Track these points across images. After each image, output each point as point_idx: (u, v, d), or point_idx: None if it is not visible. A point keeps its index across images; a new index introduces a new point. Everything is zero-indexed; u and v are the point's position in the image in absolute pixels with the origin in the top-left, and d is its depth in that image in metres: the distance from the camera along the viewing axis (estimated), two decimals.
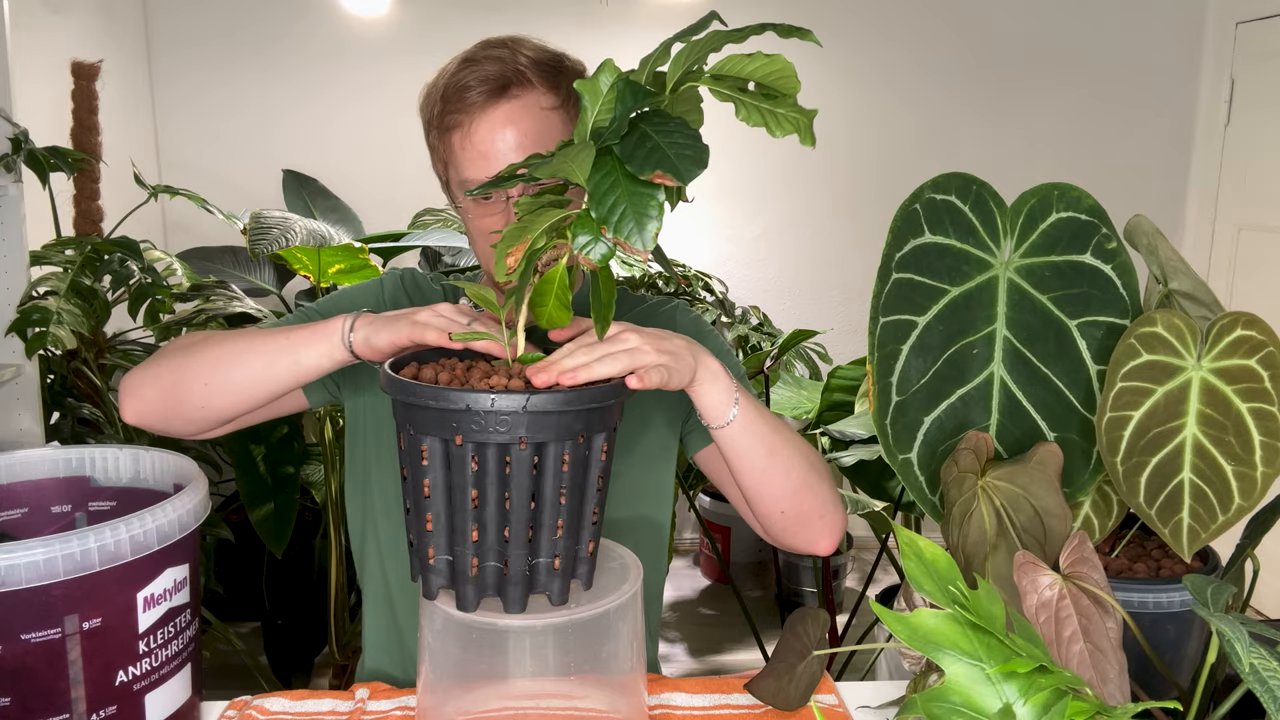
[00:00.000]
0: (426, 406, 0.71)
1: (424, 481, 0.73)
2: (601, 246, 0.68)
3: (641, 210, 0.64)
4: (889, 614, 0.54)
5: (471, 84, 0.99)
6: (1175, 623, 0.83)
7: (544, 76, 1.02)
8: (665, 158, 0.63)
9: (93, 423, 2.09)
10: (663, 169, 0.63)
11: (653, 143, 0.64)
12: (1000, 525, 0.79)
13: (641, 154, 0.64)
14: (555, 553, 0.75)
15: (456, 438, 0.70)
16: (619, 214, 0.64)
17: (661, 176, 0.63)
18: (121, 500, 0.99)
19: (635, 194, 0.65)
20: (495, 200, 1.01)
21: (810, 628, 0.91)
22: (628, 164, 0.64)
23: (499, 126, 0.99)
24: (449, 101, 1.01)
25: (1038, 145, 3.31)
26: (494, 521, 0.73)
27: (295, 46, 3.13)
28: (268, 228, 2.08)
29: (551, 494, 0.74)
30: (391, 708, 0.96)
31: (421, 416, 0.72)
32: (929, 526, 3.12)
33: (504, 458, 0.71)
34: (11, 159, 1.78)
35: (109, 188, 2.33)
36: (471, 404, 0.69)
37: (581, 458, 0.74)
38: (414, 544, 0.77)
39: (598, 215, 0.65)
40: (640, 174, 0.63)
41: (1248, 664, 0.58)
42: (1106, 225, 0.87)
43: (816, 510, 0.98)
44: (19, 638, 0.74)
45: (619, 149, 0.65)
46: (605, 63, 0.69)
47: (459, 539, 0.74)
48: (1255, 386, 0.78)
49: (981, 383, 0.88)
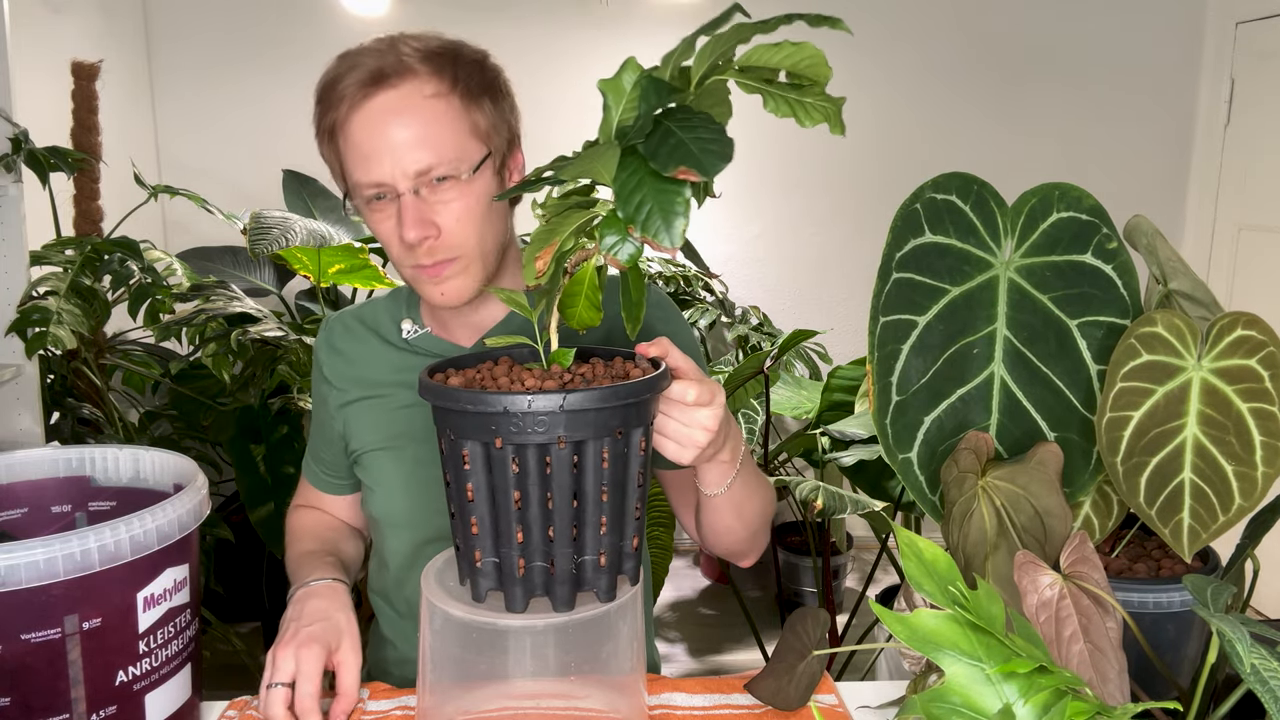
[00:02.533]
0: (465, 411, 0.71)
1: (467, 485, 0.74)
2: (629, 246, 0.68)
3: (668, 207, 0.64)
4: (889, 614, 0.54)
5: (343, 77, 0.95)
6: (1175, 623, 0.83)
7: (426, 63, 0.96)
8: (689, 153, 0.63)
9: (93, 423, 2.09)
10: (687, 164, 0.62)
11: (676, 139, 0.64)
12: (1000, 525, 0.79)
13: (665, 151, 0.63)
14: (600, 549, 0.76)
15: (496, 440, 0.71)
16: (646, 212, 0.64)
17: (686, 172, 0.62)
18: (121, 500, 0.99)
19: (661, 191, 0.64)
20: (389, 200, 0.97)
21: (810, 628, 0.91)
22: (652, 161, 0.63)
23: (376, 120, 0.94)
24: (325, 102, 0.96)
25: (1038, 145, 3.31)
26: (538, 522, 0.73)
27: (295, 47, 3.13)
28: (268, 228, 2.08)
29: (593, 491, 0.74)
30: (391, 708, 0.96)
31: (460, 421, 0.72)
32: (929, 526, 3.12)
33: (544, 458, 0.72)
34: (11, 159, 1.78)
35: (109, 188, 2.33)
36: (509, 406, 0.69)
37: (620, 453, 0.75)
38: (460, 548, 0.78)
39: (624, 214, 0.65)
40: (665, 170, 0.63)
41: (1248, 664, 0.58)
42: (1107, 225, 0.87)
43: (754, 547, 1.07)
44: (19, 638, 0.74)
45: (643, 147, 0.65)
46: (628, 61, 0.69)
47: (504, 541, 0.74)
48: (1256, 386, 0.78)
49: (982, 383, 0.88)
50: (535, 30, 3.13)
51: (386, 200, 0.97)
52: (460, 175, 0.97)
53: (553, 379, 0.76)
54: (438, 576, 0.81)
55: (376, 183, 0.95)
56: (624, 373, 0.80)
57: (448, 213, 0.97)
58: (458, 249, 0.99)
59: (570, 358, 0.80)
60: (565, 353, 0.80)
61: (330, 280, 2.39)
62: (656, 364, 0.82)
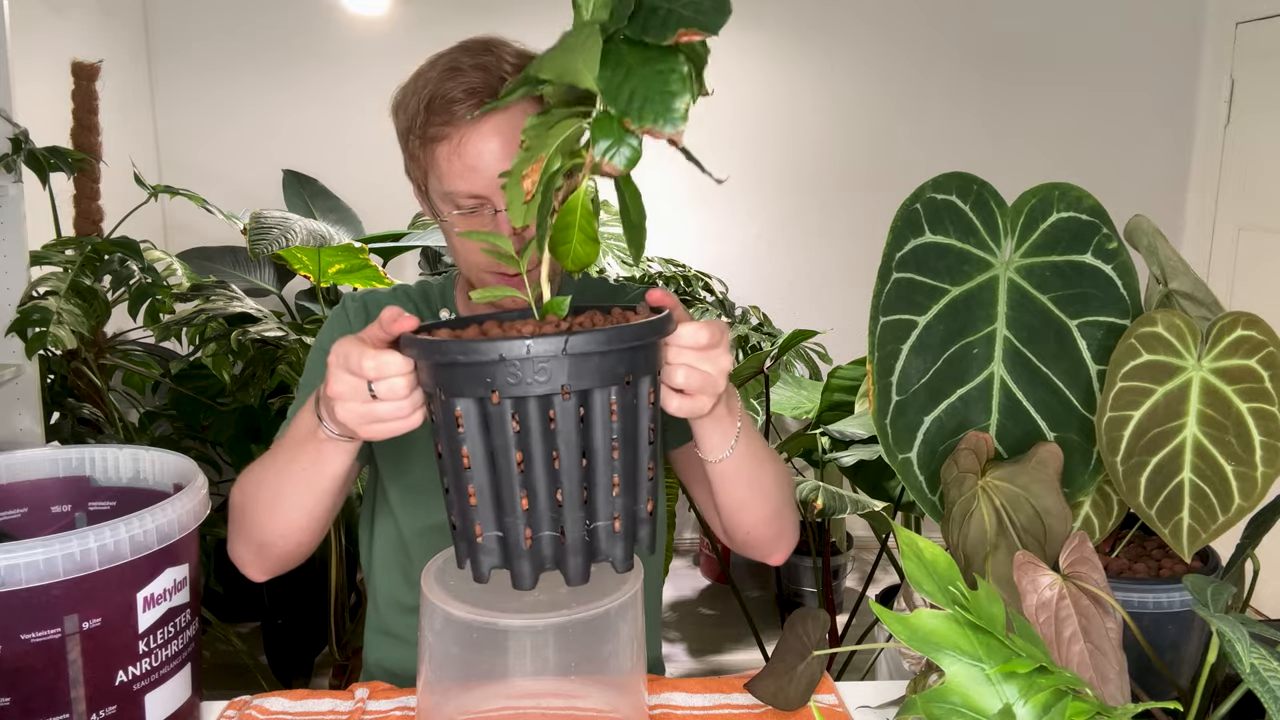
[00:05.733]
0: (455, 363, 0.65)
1: (462, 450, 0.67)
2: (626, 147, 0.60)
3: (663, 85, 0.57)
4: (889, 614, 0.54)
5: (459, 96, 0.97)
6: (1175, 623, 0.83)
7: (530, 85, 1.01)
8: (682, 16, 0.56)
9: (93, 423, 2.09)
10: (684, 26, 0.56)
11: (664, 8, 0.57)
12: (1000, 525, 0.79)
13: (656, 23, 0.57)
14: (614, 513, 0.69)
15: (493, 395, 0.65)
16: (640, 98, 0.57)
17: (687, 34, 0.56)
18: (121, 500, 0.99)
19: (653, 71, 0.57)
20: (482, 212, 1.00)
21: (810, 628, 0.91)
22: (645, 35, 0.57)
23: (487, 138, 0.97)
24: (435, 114, 0.98)
25: (1038, 145, 3.31)
26: (544, 484, 0.67)
27: (295, 46, 3.13)
28: (268, 228, 2.08)
29: (603, 447, 0.68)
30: (391, 708, 0.96)
31: (451, 376, 0.66)
32: (929, 526, 3.12)
33: (547, 411, 0.66)
34: (11, 159, 1.78)
35: (109, 188, 2.33)
36: (505, 352, 0.63)
37: (630, 404, 0.69)
38: (457, 526, 0.71)
39: (616, 108, 0.58)
40: (662, 39, 0.56)
41: (1248, 664, 0.58)
42: (1107, 225, 0.87)
43: (781, 532, 1.03)
44: (19, 638, 0.74)
45: (629, 29, 0.58)
46: None
47: (508, 510, 0.68)
48: (1255, 386, 0.78)
49: (982, 382, 0.88)
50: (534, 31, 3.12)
51: (477, 213, 1.00)
52: None
53: (550, 325, 0.70)
54: (438, 576, 0.81)
55: (476, 195, 0.99)
56: (624, 319, 0.74)
57: None
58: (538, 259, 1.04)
59: (565, 306, 0.74)
60: (559, 301, 0.73)
61: (330, 280, 2.40)
62: (657, 311, 0.76)
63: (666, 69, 0.57)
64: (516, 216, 0.67)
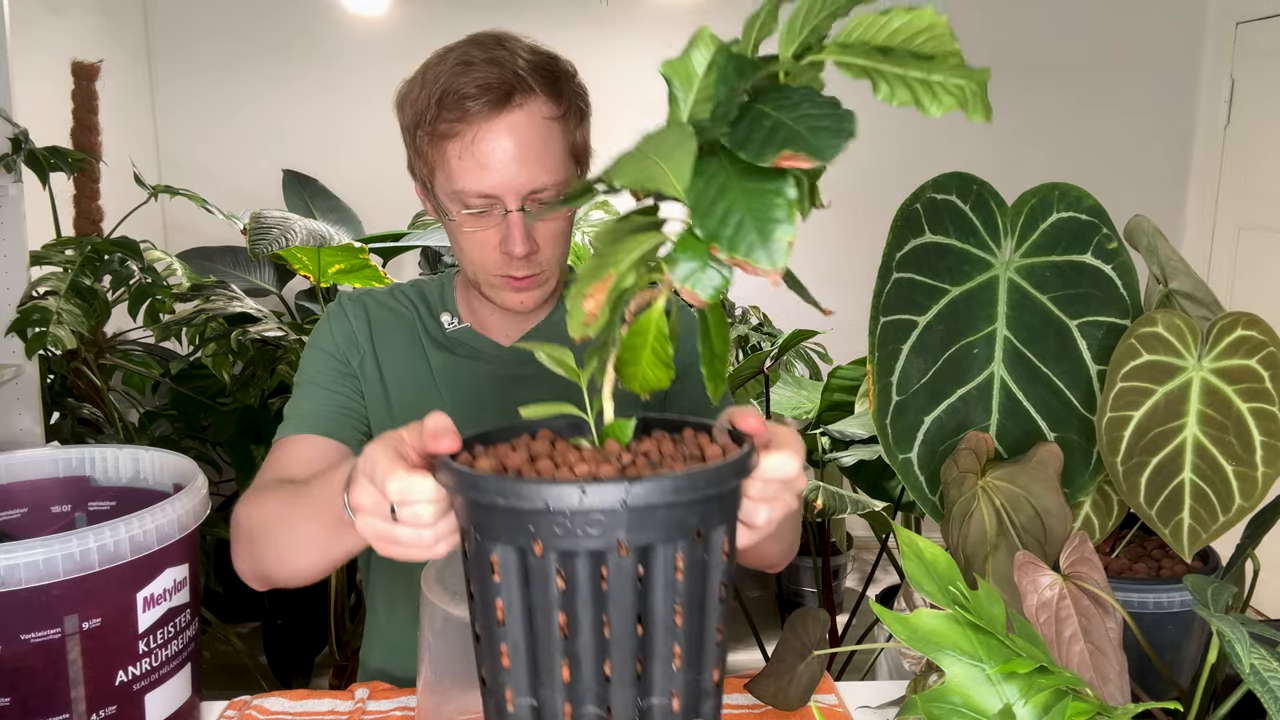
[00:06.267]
0: (494, 505, 0.54)
1: (495, 602, 0.56)
2: (713, 274, 0.51)
3: (764, 213, 0.48)
4: (889, 614, 0.54)
5: (472, 92, 0.94)
6: (1175, 623, 0.83)
7: (544, 83, 0.97)
8: (792, 133, 0.47)
9: (93, 423, 2.09)
10: (791, 147, 0.47)
11: (772, 120, 0.48)
12: (1000, 525, 0.79)
13: (759, 136, 0.48)
14: (673, 689, 0.58)
15: (535, 545, 0.54)
16: (734, 223, 0.48)
17: (791, 158, 0.47)
18: (121, 500, 0.99)
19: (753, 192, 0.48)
20: (492, 212, 0.98)
21: (810, 628, 0.91)
22: (742, 151, 0.48)
23: (501, 137, 0.95)
24: (447, 109, 0.95)
25: (1038, 145, 3.31)
26: (590, 654, 0.56)
27: (295, 46, 3.13)
28: (268, 228, 2.08)
29: (664, 612, 0.56)
30: (391, 708, 0.96)
31: (488, 519, 0.55)
32: (929, 526, 3.12)
33: (599, 569, 0.55)
34: (11, 159, 1.78)
35: (109, 188, 2.33)
36: (553, 501, 0.52)
37: (699, 560, 0.57)
38: (487, 683, 0.59)
39: (705, 231, 0.48)
40: (761, 159, 0.47)
41: (1248, 664, 0.58)
42: (1107, 225, 0.87)
43: (786, 554, 1.02)
44: (19, 638, 0.74)
45: (728, 139, 0.48)
46: (699, 33, 0.53)
47: (545, 679, 0.57)
48: (1256, 386, 0.77)
49: (982, 383, 0.88)
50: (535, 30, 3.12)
51: (487, 213, 0.98)
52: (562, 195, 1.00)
53: (609, 461, 0.59)
54: (438, 576, 0.81)
55: (486, 194, 0.97)
56: (698, 450, 0.63)
57: (546, 230, 1.01)
58: (547, 264, 1.03)
59: (630, 431, 0.62)
60: (623, 425, 0.62)
61: (330, 280, 2.40)
62: (736, 436, 0.63)
63: (770, 191, 0.48)
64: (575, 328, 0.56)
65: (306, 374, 1.10)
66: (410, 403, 1.10)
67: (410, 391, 1.10)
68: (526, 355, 1.11)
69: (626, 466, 0.59)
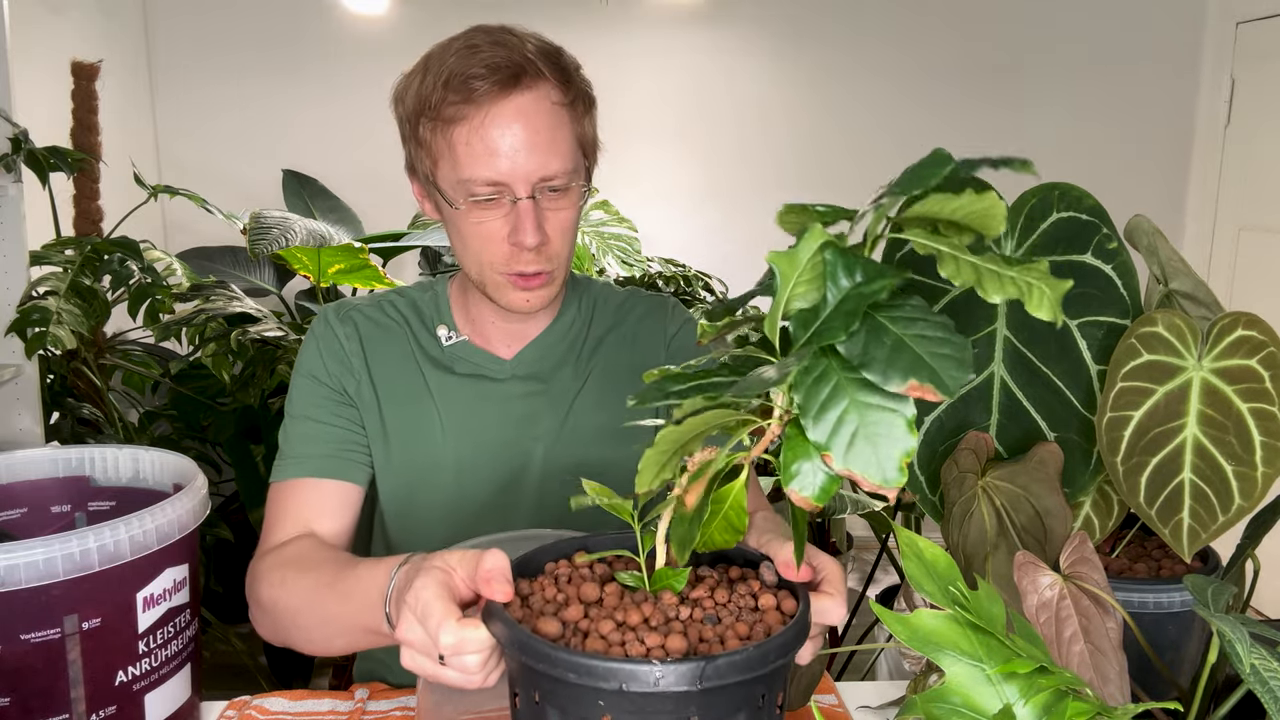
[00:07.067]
0: (565, 680, 0.53)
1: None
2: (820, 476, 0.50)
3: (881, 431, 0.47)
4: (889, 614, 0.54)
5: (479, 72, 0.90)
6: (1175, 623, 0.83)
7: (552, 69, 0.94)
8: (917, 360, 0.46)
9: (93, 423, 2.09)
10: (917, 377, 0.46)
11: (892, 338, 0.47)
12: (1000, 525, 0.79)
13: (881, 355, 0.47)
14: None
15: (604, 718, 0.54)
16: (848, 435, 0.47)
17: (918, 389, 0.46)
18: (121, 500, 0.99)
19: (870, 409, 0.47)
20: (501, 202, 0.94)
21: None
22: (867, 370, 0.47)
23: (510, 120, 0.91)
24: (453, 91, 0.91)
25: (1037, 145, 3.31)
26: None
27: (295, 46, 3.13)
28: (268, 228, 2.08)
29: None
30: (391, 708, 0.96)
31: (553, 687, 0.55)
32: (929, 526, 3.12)
33: None
34: (11, 159, 1.78)
35: (109, 188, 2.33)
36: (627, 683, 0.52)
37: None
38: None
39: (816, 436, 0.48)
40: (888, 385, 0.47)
41: (1248, 665, 0.58)
42: (1107, 225, 0.87)
43: None
44: (19, 638, 0.74)
45: (845, 348, 0.48)
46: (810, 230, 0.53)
47: None
48: (1256, 387, 0.77)
49: (982, 383, 0.88)
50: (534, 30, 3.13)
51: (495, 202, 0.94)
52: (571, 186, 0.97)
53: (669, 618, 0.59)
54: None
55: (495, 182, 0.93)
56: (751, 599, 0.62)
57: (556, 221, 0.97)
58: (556, 259, 0.99)
59: (684, 581, 0.61)
60: (678, 575, 0.61)
61: (330, 280, 2.39)
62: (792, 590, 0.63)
63: (891, 411, 0.48)
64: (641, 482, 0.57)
65: (300, 406, 1.06)
66: (407, 427, 1.06)
67: (408, 414, 1.06)
68: (528, 370, 1.09)
69: (688, 625, 0.58)
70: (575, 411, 1.09)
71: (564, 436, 1.08)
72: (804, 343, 0.50)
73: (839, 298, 0.50)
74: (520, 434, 1.08)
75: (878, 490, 0.47)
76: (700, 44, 3.26)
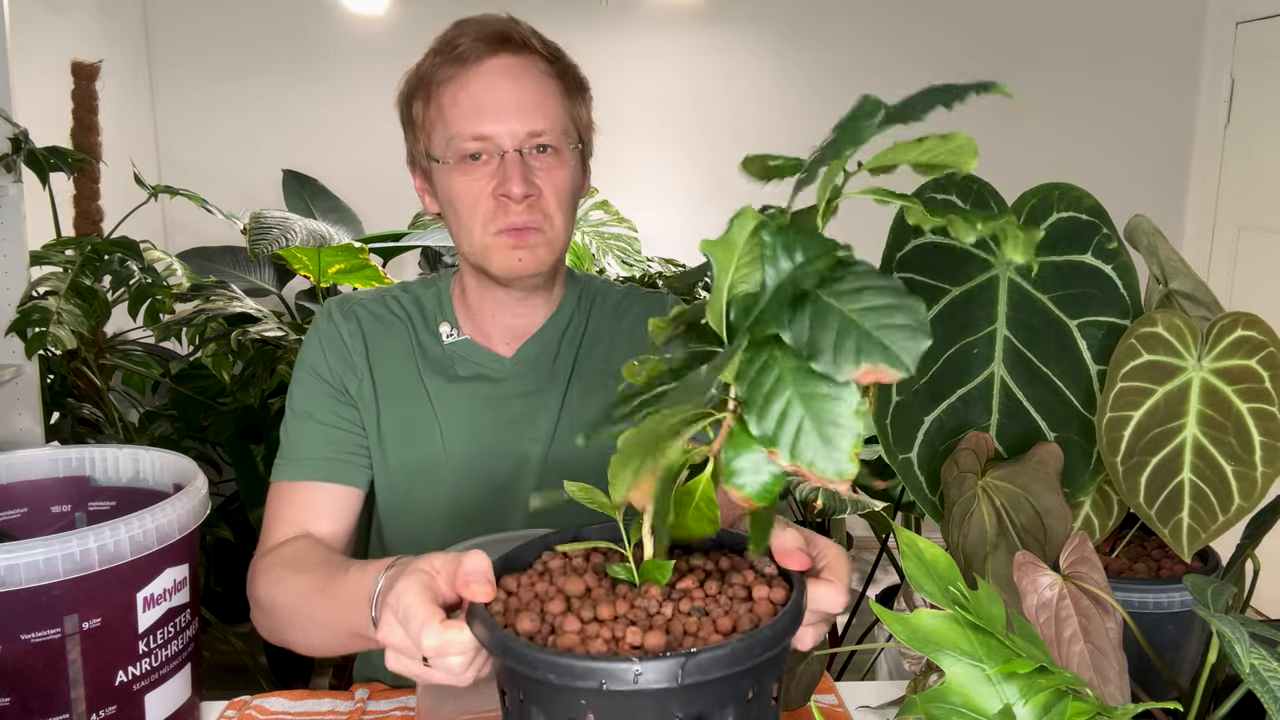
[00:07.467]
0: (546, 681, 0.53)
1: None
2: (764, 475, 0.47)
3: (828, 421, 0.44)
4: (889, 614, 0.54)
5: (468, 34, 0.95)
6: (1175, 623, 0.83)
7: (542, 46, 1.00)
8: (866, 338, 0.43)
9: (93, 423, 2.09)
10: (869, 361, 0.42)
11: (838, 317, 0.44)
12: (1000, 525, 0.79)
13: (828, 342, 0.43)
14: None
15: (587, 715, 0.53)
16: (793, 427, 0.44)
17: (872, 373, 0.43)
18: (121, 500, 0.99)
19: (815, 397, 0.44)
20: (489, 159, 0.97)
21: None
22: (815, 362, 0.44)
23: (497, 76, 0.95)
24: (442, 56, 0.96)
25: (1037, 145, 3.31)
26: None
27: (295, 46, 3.13)
28: (268, 228, 2.08)
29: None
30: (391, 708, 0.96)
31: (536, 688, 0.54)
32: (929, 526, 3.12)
33: None
34: (11, 159, 1.78)
35: (109, 188, 2.33)
36: (607, 681, 0.51)
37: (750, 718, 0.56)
38: None
39: (760, 431, 0.45)
40: (839, 376, 0.43)
41: (1248, 665, 0.58)
42: (1107, 225, 0.87)
43: None
44: (19, 638, 0.74)
45: (789, 335, 0.45)
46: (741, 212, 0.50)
47: None
48: (1256, 387, 0.77)
49: (982, 383, 0.88)
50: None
51: (483, 161, 0.97)
52: (562, 149, 0.99)
53: (652, 612, 0.57)
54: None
55: (483, 135, 0.96)
56: (745, 589, 0.60)
57: (548, 178, 0.99)
58: (548, 218, 1.00)
59: (668, 573, 0.59)
60: (662, 569, 0.59)
61: (330, 280, 2.40)
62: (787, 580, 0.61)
63: (836, 397, 0.44)
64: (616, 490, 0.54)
65: (301, 403, 1.06)
66: (405, 428, 1.06)
67: (406, 415, 1.07)
68: (526, 369, 1.10)
69: (671, 619, 0.57)
70: (574, 411, 1.09)
71: (562, 437, 1.08)
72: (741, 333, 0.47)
73: (778, 281, 0.46)
74: (518, 436, 1.08)
75: (829, 485, 0.45)
76: (700, 45, 3.26)
